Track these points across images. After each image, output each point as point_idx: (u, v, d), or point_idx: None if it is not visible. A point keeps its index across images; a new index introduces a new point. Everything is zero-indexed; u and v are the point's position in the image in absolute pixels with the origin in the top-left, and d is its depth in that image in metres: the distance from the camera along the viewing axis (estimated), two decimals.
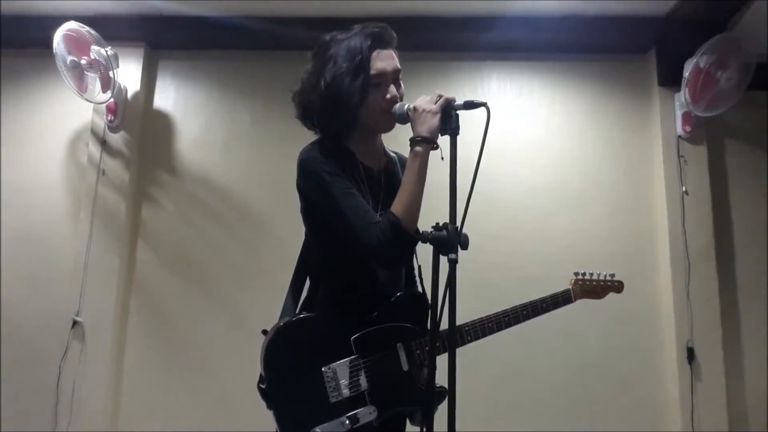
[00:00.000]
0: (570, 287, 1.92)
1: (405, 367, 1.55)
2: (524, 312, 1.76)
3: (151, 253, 3.45)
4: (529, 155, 3.44)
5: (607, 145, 3.45)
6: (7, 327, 3.32)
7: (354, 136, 1.59)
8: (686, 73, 3.13)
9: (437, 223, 1.34)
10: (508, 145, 3.43)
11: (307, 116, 1.58)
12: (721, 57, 3.07)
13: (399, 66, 1.56)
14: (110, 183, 3.42)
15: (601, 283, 1.99)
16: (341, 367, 1.49)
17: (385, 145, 1.74)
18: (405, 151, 1.55)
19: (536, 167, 3.42)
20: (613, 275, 2.02)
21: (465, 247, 1.32)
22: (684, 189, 3.26)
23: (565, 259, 3.30)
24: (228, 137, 3.54)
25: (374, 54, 1.52)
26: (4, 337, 3.30)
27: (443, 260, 1.31)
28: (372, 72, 1.50)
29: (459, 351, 1.50)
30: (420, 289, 1.74)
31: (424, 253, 1.45)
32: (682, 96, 3.17)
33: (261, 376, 1.50)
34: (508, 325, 1.73)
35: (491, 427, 3.10)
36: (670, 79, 3.33)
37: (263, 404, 1.50)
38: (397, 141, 1.71)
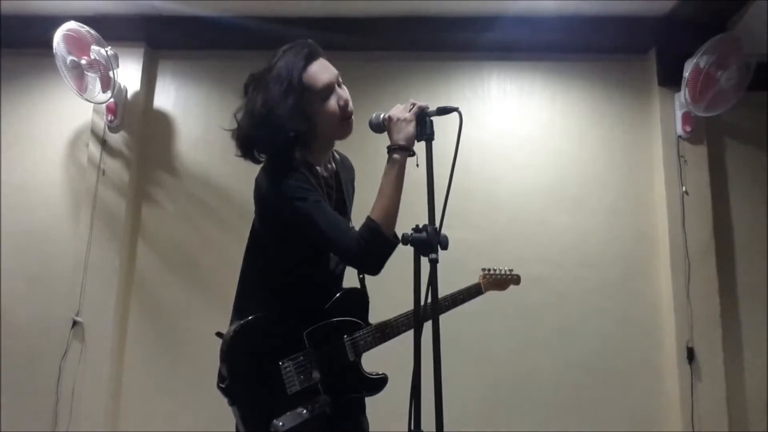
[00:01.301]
0: (480, 281, 2.10)
1: (351, 358, 1.66)
2: (445, 303, 1.87)
3: (151, 253, 3.45)
4: (529, 155, 3.43)
5: (608, 145, 3.45)
6: (7, 327, 3.32)
7: (312, 147, 1.61)
8: (686, 73, 3.12)
9: (417, 225, 1.40)
10: (508, 145, 3.42)
11: (248, 147, 1.64)
12: (721, 57, 3.07)
13: (335, 69, 1.61)
14: (110, 183, 3.42)
15: (503, 277, 2.19)
16: (296, 361, 1.58)
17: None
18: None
19: (536, 167, 3.42)
20: (511, 270, 2.22)
21: (444, 247, 1.39)
22: (684, 189, 3.26)
23: (564, 260, 3.31)
24: (228, 137, 3.52)
25: (311, 69, 1.54)
26: (4, 337, 3.30)
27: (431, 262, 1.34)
28: (318, 87, 1.54)
29: (459, 350, 1.51)
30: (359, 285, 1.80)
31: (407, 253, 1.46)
32: (682, 96, 3.17)
33: (220, 374, 1.60)
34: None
35: (491, 427, 3.10)
36: (670, 79, 3.33)
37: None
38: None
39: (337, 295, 1.72)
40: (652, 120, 3.44)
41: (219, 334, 1.63)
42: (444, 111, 1.47)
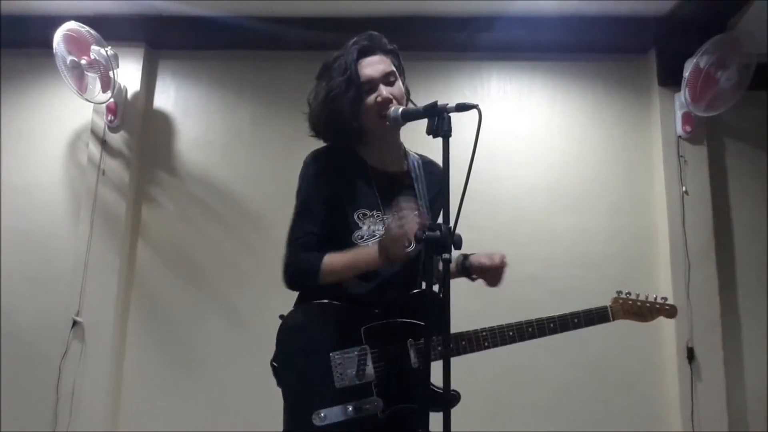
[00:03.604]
0: (610, 305, 1.80)
1: (414, 364, 1.55)
2: (550, 325, 1.77)
3: (151, 253, 3.45)
4: (530, 155, 3.43)
5: (608, 145, 3.45)
6: (7, 327, 3.31)
7: (365, 142, 1.67)
8: (686, 73, 3.12)
9: (430, 223, 1.38)
10: (508, 145, 3.43)
11: (316, 131, 1.68)
12: (721, 57, 3.07)
13: (388, 68, 1.63)
14: (110, 183, 3.42)
15: (649, 306, 1.83)
16: (349, 355, 1.52)
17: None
18: (423, 148, 1.66)
19: (536, 167, 3.42)
20: (665, 298, 1.85)
21: (458, 247, 1.36)
22: (684, 189, 3.26)
23: (565, 259, 3.30)
24: (228, 137, 3.54)
25: (361, 63, 1.61)
26: (4, 337, 3.29)
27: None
28: (361, 80, 1.60)
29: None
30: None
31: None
32: (682, 96, 3.17)
33: (275, 353, 1.56)
34: (532, 336, 1.75)
35: (491, 427, 3.10)
36: (670, 79, 3.33)
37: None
38: (414, 141, 1.75)
39: (410, 293, 1.61)
40: (652, 120, 3.44)
41: (282, 317, 1.59)
42: (463, 108, 1.42)
